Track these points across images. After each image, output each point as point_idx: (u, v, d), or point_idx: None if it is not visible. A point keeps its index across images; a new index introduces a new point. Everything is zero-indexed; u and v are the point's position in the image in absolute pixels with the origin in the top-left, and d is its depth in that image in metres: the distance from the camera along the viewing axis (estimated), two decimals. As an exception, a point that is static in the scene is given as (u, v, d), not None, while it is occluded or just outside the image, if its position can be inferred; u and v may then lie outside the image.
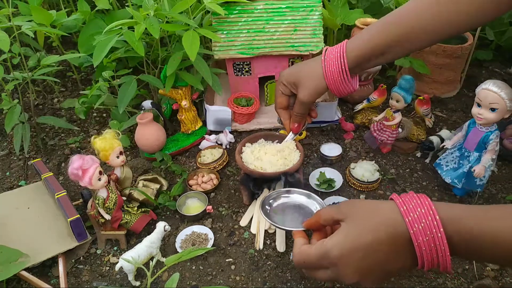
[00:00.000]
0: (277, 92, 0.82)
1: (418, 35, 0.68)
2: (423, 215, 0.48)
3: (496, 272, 0.80)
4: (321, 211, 0.59)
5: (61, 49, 1.43)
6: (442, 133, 1.08)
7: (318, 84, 0.75)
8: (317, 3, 1.12)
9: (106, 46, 0.99)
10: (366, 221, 0.51)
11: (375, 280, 0.51)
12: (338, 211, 0.54)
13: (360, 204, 0.54)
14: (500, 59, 1.56)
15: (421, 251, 0.48)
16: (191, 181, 1.03)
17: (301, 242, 0.57)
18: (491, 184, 1.00)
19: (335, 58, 0.73)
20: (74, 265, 0.86)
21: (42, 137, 1.23)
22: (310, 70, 0.76)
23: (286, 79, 0.79)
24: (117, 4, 1.38)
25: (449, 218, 0.47)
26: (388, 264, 0.50)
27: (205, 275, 0.82)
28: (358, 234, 0.50)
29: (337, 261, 0.50)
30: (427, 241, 0.47)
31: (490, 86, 0.80)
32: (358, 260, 0.49)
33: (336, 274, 0.51)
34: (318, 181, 1.00)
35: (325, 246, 0.51)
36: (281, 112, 0.84)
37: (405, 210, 0.49)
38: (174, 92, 1.10)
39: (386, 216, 0.50)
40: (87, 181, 0.80)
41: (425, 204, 0.49)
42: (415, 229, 0.47)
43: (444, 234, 0.47)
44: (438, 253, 0.47)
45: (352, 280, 0.50)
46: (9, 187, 1.07)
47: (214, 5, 1.02)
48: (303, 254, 0.55)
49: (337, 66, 0.72)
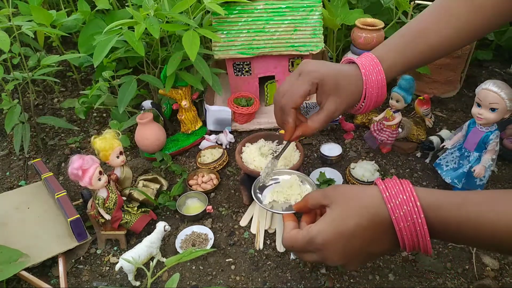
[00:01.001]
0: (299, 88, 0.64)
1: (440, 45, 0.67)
2: (405, 201, 0.50)
3: (496, 272, 0.80)
4: (308, 196, 0.61)
5: (61, 49, 1.43)
6: (442, 133, 1.08)
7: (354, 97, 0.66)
8: (317, 3, 1.12)
9: (106, 46, 0.99)
10: (350, 206, 0.53)
11: (358, 263, 0.55)
12: (324, 197, 0.56)
13: (344, 189, 0.56)
14: (500, 59, 1.56)
15: (402, 235, 0.50)
16: (191, 181, 1.03)
17: (290, 226, 0.60)
18: (491, 184, 1.00)
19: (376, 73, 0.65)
20: (74, 265, 0.86)
21: (42, 137, 1.23)
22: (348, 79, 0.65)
23: (321, 80, 0.64)
24: (117, 4, 1.38)
25: (429, 204, 0.49)
26: (371, 247, 0.52)
27: (205, 275, 0.82)
28: (342, 220, 0.52)
29: (322, 247, 0.53)
30: (408, 226, 0.49)
31: (490, 86, 0.80)
32: (342, 245, 0.52)
33: (321, 257, 0.54)
34: (318, 181, 1.00)
35: (310, 233, 0.54)
36: (293, 112, 0.66)
37: (387, 196, 0.51)
38: (174, 92, 1.10)
39: (369, 202, 0.52)
40: (87, 181, 0.80)
41: (407, 190, 0.50)
42: (397, 215, 0.49)
43: (424, 220, 0.49)
44: (419, 237, 0.49)
45: (337, 263, 0.54)
46: (9, 187, 1.07)
47: (214, 5, 1.02)
48: (292, 239, 0.57)
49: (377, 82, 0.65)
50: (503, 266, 0.81)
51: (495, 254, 0.83)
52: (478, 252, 0.84)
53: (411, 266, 0.82)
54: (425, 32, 0.67)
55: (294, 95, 0.65)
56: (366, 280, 0.80)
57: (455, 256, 0.84)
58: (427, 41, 0.67)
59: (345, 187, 0.57)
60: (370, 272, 0.81)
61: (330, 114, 0.65)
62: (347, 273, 0.81)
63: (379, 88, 0.65)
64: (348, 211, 0.52)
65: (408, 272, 0.81)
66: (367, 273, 0.81)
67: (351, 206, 0.53)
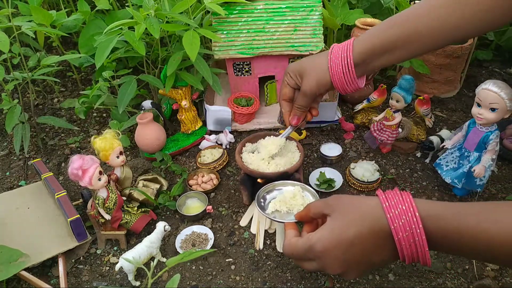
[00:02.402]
0: (283, 83, 0.82)
1: (422, 37, 0.68)
2: (404, 211, 0.50)
3: (496, 272, 0.80)
4: (310, 205, 0.62)
5: (61, 49, 1.43)
6: (442, 133, 1.08)
7: (322, 77, 0.76)
8: (317, 3, 1.12)
9: (108, 46, 0.99)
10: (350, 216, 0.54)
11: (357, 272, 0.55)
12: (326, 206, 0.57)
13: (345, 199, 0.57)
14: (500, 59, 1.56)
15: (401, 245, 0.50)
16: (191, 181, 1.03)
17: (291, 234, 0.61)
18: (491, 184, 1.00)
19: (341, 51, 0.73)
20: (74, 265, 0.86)
21: (42, 137, 1.23)
22: (315, 63, 0.77)
23: (292, 69, 0.79)
24: (117, 4, 1.38)
25: (428, 215, 0.50)
26: (370, 257, 0.53)
27: (205, 275, 0.82)
28: (341, 230, 0.53)
29: (321, 255, 0.53)
30: (406, 236, 0.50)
31: (490, 86, 0.80)
32: (341, 254, 0.52)
33: (321, 266, 0.55)
34: (318, 181, 1.00)
35: (310, 241, 0.55)
36: (283, 103, 0.84)
37: (387, 206, 0.52)
38: (174, 92, 1.10)
39: (369, 212, 0.53)
40: (87, 181, 0.80)
41: (407, 201, 0.51)
42: (396, 225, 0.50)
43: (423, 230, 0.49)
44: (418, 248, 0.50)
45: (335, 272, 0.54)
46: (9, 187, 1.07)
47: (214, 5, 1.02)
48: (292, 246, 0.58)
49: (341, 59, 0.73)
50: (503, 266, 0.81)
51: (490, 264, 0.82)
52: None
53: (411, 266, 0.82)
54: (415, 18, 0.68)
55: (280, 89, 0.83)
56: (366, 280, 0.80)
57: (455, 256, 0.84)
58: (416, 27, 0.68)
59: (346, 197, 0.58)
60: (370, 272, 0.81)
61: (304, 91, 0.78)
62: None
63: (344, 65, 0.72)
64: (348, 220, 0.53)
65: (408, 272, 0.81)
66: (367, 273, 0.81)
67: (351, 215, 0.54)
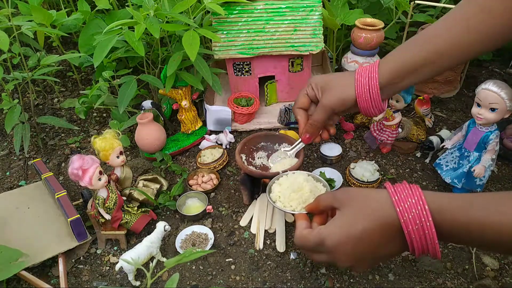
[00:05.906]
0: (301, 92, 0.78)
1: (450, 51, 0.66)
2: (413, 205, 0.50)
3: (496, 272, 0.80)
4: (320, 198, 0.64)
5: (61, 49, 1.43)
6: (442, 133, 1.08)
7: (346, 94, 0.72)
8: (317, 3, 1.12)
9: (106, 46, 0.99)
10: (360, 210, 0.54)
11: (367, 265, 0.56)
12: (335, 200, 0.58)
13: (354, 193, 0.57)
14: (500, 59, 1.56)
15: (411, 238, 0.51)
16: (191, 181, 1.03)
17: (302, 226, 0.61)
18: (491, 184, 1.00)
19: (368, 72, 0.71)
20: (74, 265, 0.86)
21: (42, 137, 1.23)
22: (342, 79, 0.74)
23: (315, 82, 0.76)
24: (117, 4, 1.38)
25: (437, 207, 0.50)
26: (380, 250, 0.53)
27: (205, 275, 0.82)
28: (351, 223, 0.53)
29: (332, 249, 0.54)
30: (416, 229, 0.50)
31: (490, 86, 0.80)
32: (351, 248, 0.53)
33: (331, 259, 0.56)
34: (318, 181, 1.00)
35: (321, 235, 0.55)
36: (299, 111, 0.79)
37: (396, 200, 0.52)
38: (174, 92, 1.10)
39: (379, 205, 0.53)
40: (87, 181, 0.80)
41: (416, 194, 0.51)
42: (406, 218, 0.50)
43: (432, 223, 0.49)
44: (427, 240, 0.50)
45: (345, 265, 0.55)
46: (9, 187, 1.07)
47: (214, 5, 1.02)
48: (303, 238, 0.59)
49: (368, 79, 0.70)
50: (503, 266, 0.81)
51: (495, 254, 0.83)
52: (478, 252, 0.84)
53: (411, 266, 0.82)
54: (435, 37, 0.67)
55: (298, 98, 0.79)
56: (366, 280, 0.80)
57: (455, 256, 0.84)
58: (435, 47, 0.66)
59: (355, 190, 0.59)
60: (370, 272, 0.81)
61: (324, 105, 0.74)
62: (347, 272, 0.81)
63: (370, 87, 0.70)
64: (357, 215, 0.54)
65: (408, 272, 0.81)
66: (367, 273, 0.81)
67: (360, 209, 0.54)
